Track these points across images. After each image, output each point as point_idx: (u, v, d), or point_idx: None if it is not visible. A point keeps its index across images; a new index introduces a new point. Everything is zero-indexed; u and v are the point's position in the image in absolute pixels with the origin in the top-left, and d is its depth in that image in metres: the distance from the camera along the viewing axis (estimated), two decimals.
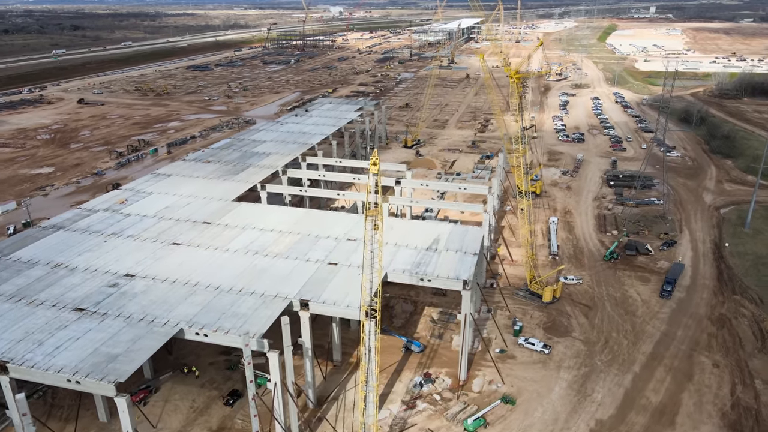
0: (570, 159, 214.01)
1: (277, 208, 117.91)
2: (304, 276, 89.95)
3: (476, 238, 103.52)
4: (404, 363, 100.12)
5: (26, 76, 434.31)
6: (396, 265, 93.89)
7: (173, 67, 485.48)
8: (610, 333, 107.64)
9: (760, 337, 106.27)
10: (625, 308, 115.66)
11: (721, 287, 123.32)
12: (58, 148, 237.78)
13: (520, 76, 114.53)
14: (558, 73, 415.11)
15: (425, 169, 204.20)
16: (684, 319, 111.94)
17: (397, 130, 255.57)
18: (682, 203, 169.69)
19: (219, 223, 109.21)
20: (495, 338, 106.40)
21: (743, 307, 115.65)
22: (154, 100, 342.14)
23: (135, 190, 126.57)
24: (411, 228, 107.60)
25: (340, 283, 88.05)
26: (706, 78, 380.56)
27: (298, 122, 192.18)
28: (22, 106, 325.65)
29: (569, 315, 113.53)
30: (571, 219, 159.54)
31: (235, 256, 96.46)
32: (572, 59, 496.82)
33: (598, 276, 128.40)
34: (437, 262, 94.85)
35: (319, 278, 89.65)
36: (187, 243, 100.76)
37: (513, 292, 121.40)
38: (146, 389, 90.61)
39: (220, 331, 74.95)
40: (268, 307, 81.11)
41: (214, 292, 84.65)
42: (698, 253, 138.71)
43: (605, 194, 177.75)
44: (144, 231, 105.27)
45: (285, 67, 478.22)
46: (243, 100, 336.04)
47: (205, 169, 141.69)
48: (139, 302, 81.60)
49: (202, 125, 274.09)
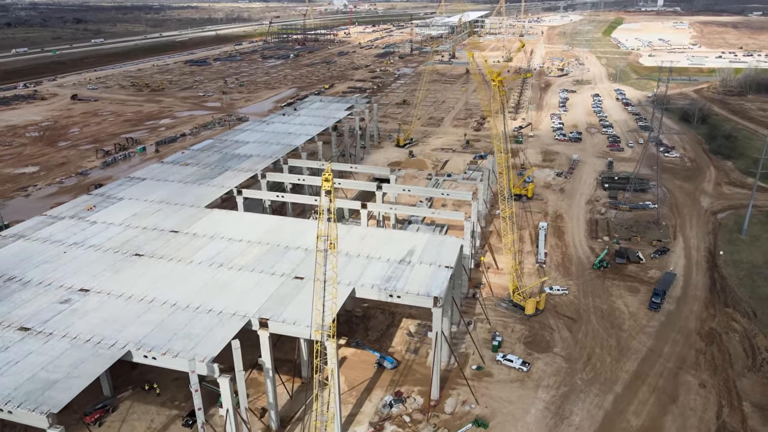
0: (565, 159, 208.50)
1: (250, 216, 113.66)
2: (267, 291, 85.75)
3: (453, 250, 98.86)
4: (376, 380, 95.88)
5: (23, 71, 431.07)
6: (365, 279, 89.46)
7: (171, 62, 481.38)
8: (593, 349, 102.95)
9: (751, 354, 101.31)
10: (611, 321, 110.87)
11: (713, 299, 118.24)
12: (45, 147, 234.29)
13: (503, 79, 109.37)
14: (560, 68, 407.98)
15: (416, 169, 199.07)
16: (672, 333, 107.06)
17: (391, 128, 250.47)
18: (677, 207, 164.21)
19: (187, 232, 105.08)
20: (473, 353, 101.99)
21: (735, 321, 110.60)
22: (148, 96, 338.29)
23: (105, 196, 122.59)
24: (385, 238, 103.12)
25: (304, 299, 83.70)
26: (711, 74, 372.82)
27: (284, 122, 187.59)
28: (15, 102, 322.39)
29: (552, 329, 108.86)
30: (562, 224, 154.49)
31: (198, 268, 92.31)
32: (575, 54, 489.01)
33: (586, 286, 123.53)
34: (409, 276, 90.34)
35: (282, 294, 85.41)
36: (150, 254, 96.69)
37: (495, 303, 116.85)
38: (102, 408, 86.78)
39: (168, 354, 70.90)
40: (224, 326, 76.97)
41: (169, 310, 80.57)
42: (691, 261, 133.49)
43: (599, 197, 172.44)
44: (107, 240, 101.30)
45: (284, 62, 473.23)
46: (238, 96, 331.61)
47: (182, 173, 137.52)
48: (89, 321, 77.64)
49: (193, 122, 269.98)
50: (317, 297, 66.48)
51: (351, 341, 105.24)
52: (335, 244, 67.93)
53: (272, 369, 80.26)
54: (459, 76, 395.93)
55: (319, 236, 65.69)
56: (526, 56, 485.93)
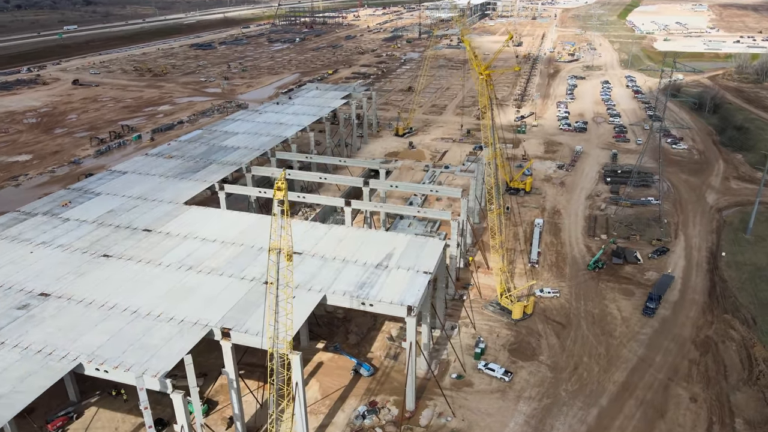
0: (568, 151, 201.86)
1: (228, 214, 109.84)
2: (234, 298, 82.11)
3: (434, 253, 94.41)
4: (351, 388, 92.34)
5: (28, 54, 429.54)
6: (338, 285, 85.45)
7: (177, 45, 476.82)
8: (581, 357, 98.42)
9: (748, 365, 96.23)
10: (602, 327, 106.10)
11: (712, 304, 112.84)
12: (41, 134, 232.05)
13: (490, 72, 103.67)
14: (570, 54, 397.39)
15: (413, 160, 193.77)
16: (665, 342, 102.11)
17: (392, 116, 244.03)
18: (681, 203, 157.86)
19: (160, 231, 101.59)
20: (455, 361, 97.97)
21: (733, 329, 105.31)
22: (150, 81, 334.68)
23: (83, 190, 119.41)
24: (365, 240, 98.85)
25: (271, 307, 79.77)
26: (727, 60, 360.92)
27: (277, 111, 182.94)
28: (17, 86, 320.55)
29: (540, 335, 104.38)
30: (560, 220, 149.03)
31: (166, 271, 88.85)
32: (588, 38, 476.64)
33: (579, 288, 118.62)
34: (384, 282, 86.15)
35: (250, 301, 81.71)
36: (118, 255, 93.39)
37: (483, 306, 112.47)
38: (66, 415, 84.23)
39: (121, 368, 67.68)
40: (183, 337, 73.55)
41: (129, 318, 77.26)
42: (691, 262, 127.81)
43: (600, 192, 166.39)
44: (77, 240, 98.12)
45: (290, 46, 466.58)
46: (240, 82, 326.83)
47: (165, 166, 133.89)
48: (44, 329, 74.61)
49: (192, 109, 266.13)
50: (270, 313, 62.39)
51: (329, 345, 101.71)
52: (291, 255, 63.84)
53: (236, 380, 76.87)
54: (466, 62, 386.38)
55: (271, 249, 61.53)
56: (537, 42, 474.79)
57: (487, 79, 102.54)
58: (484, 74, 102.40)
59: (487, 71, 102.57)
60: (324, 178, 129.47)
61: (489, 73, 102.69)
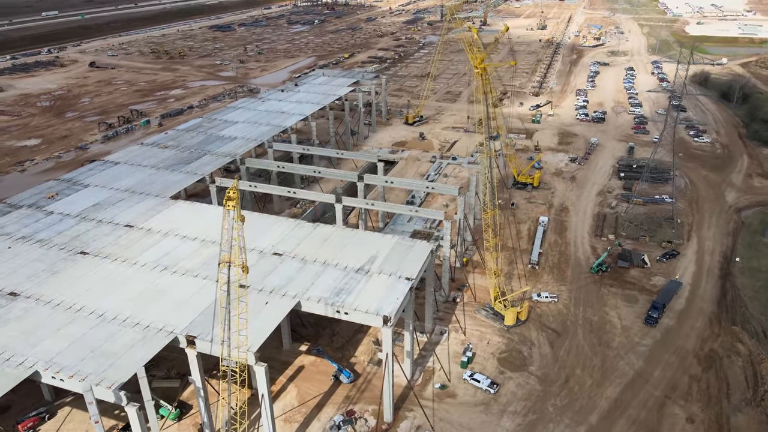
0: (583, 142, 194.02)
1: (213, 210, 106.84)
2: (205, 302, 79.23)
3: (419, 258, 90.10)
4: (330, 395, 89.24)
5: (50, 35, 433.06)
6: (315, 291, 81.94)
7: (196, 27, 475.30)
8: (573, 369, 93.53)
9: (752, 383, 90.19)
10: (599, 337, 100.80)
11: (720, 314, 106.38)
12: (52, 118, 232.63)
13: (486, 66, 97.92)
14: (596, 38, 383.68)
15: (421, 151, 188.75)
16: (666, 354, 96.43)
17: (405, 104, 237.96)
18: (698, 202, 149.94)
19: (142, 227, 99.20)
20: (441, 368, 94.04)
21: (740, 343, 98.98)
22: (165, 63, 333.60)
23: (72, 182, 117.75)
24: (349, 241, 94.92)
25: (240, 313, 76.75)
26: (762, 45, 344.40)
27: (281, 99, 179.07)
28: (35, 68, 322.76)
29: (532, 343, 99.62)
30: (566, 218, 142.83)
31: (140, 272, 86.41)
32: (616, 21, 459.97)
33: (579, 292, 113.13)
34: (362, 289, 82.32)
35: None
36: (96, 252, 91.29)
37: (475, 310, 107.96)
38: (38, 416, 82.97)
39: (77, 377, 65.41)
40: (146, 344, 71.02)
41: (94, 322, 75.06)
42: (702, 267, 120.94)
43: (612, 188, 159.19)
44: (57, 235, 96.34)
45: (309, 28, 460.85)
46: (254, 66, 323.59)
47: (158, 157, 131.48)
48: (6, 333, 72.86)
49: (204, 94, 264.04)
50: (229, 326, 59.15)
51: (312, 348, 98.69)
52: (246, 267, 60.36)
53: (203, 388, 74.29)
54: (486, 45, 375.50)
55: (221, 263, 58.06)
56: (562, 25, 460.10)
57: (483, 72, 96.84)
58: (480, 67, 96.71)
59: (483, 64, 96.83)
60: (318, 172, 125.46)
61: (485, 66, 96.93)
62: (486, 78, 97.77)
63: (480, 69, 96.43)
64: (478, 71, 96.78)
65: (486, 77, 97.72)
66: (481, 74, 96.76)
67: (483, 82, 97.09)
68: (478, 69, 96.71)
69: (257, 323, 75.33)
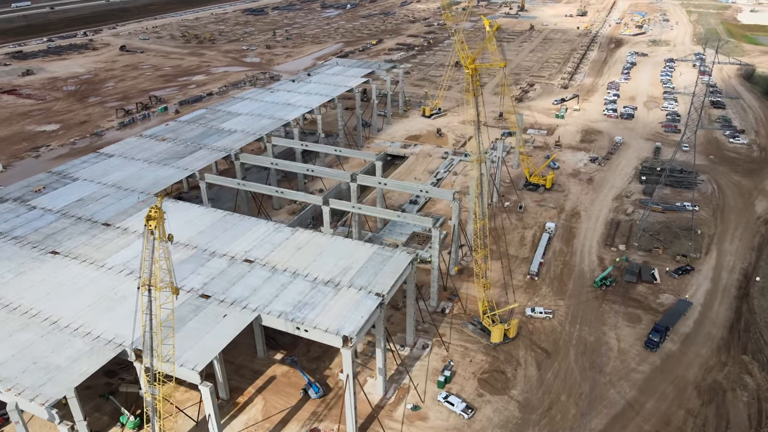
0: (607, 141, 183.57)
1: (194, 209, 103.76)
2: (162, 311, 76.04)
3: (396, 270, 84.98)
4: (296, 410, 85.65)
5: (88, 17, 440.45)
6: (277, 304, 77.99)
7: (230, 11, 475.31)
8: (558, 395, 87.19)
9: (756, 422, 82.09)
10: (592, 360, 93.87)
11: (731, 341, 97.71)
12: (75, 102, 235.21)
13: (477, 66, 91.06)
14: (638, 26, 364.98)
15: (434, 146, 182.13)
16: (663, 384, 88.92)
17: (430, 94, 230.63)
18: (723, 211, 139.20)
19: (119, 227, 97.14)
20: (417, 385, 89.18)
21: (749, 375, 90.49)
22: (193, 48, 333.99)
23: (62, 174, 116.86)
24: (325, 249, 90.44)
25: (194, 327, 73.75)
26: None
27: (290, 90, 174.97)
28: (68, 51, 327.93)
29: (518, 363, 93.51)
30: (577, 224, 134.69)
31: (105, 276, 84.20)
32: (662, 8, 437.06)
33: (577, 309, 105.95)
34: (327, 304, 77.92)
35: (177, 318, 75.45)
36: (66, 252, 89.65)
37: (462, 324, 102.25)
38: (2, 417, 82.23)
39: (14, 390, 63.39)
40: (91, 357, 68.67)
41: (47, 329, 73.21)
42: (718, 286, 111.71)
43: (631, 192, 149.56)
44: (34, 232, 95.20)
45: (341, 13, 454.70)
46: (281, 51, 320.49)
47: (154, 150, 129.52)
48: None
49: (225, 80, 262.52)
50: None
51: (286, 358, 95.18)
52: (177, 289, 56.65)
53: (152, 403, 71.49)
54: (521, 33, 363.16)
55: (142, 285, 54.40)
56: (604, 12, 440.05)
57: (473, 74, 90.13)
58: (470, 68, 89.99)
59: (473, 65, 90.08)
60: (311, 171, 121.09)
61: (476, 66, 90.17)
62: (476, 79, 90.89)
63: (470, 69, 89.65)
64: (469, 72, 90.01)
65: (476, 78, 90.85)
66: (471, 75, 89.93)
67: (473, 83, 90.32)
68: (468, 70, 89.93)
69: (209, 339, 72.13)
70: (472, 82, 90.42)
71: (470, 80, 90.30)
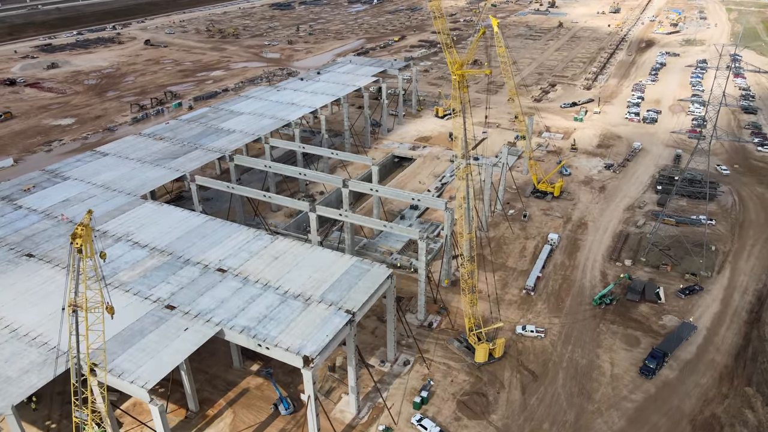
0: (625, 147, 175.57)
1: (177, 213, 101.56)
2: (125, 322, 74.28)
3: (370, 286, 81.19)
4: (265, 426, 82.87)
5: (118, 11, 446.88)
6: (242, 318, 75.11)
7: (258, 5, 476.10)
8: (541, 423, 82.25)
9: None
10: (582, 385, 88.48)
11: (735, 370, 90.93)
12: (94, 96, 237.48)
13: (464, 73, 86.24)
14: (673, 24, 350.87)
15: (443, 148, 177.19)
16: (656, 416, 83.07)
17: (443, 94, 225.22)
18: (742, 226, 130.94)
19: (99, 229, 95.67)
20: (392, 406, 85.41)
21: (751, 409, 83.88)
22: (215, 43, 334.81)
23: (54, 173, 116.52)
24: (302, 260, 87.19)
25: (153, 341, 71.42)
26: None
27: (297, 88, 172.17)
28: (95, 45, 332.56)
29: (502, 385, 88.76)
30: (582, 236, 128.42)
31: None
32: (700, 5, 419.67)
33: (573, 328, 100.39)
34: (293, 320, 74.71)
35: (137, 329, 73.58)
36: (41, 255, 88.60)
37: (447, 341, 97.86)
38: None
39: None
40: (44, 369, 66.91)
41: (6, 337, 71.81)
42: (728, 309, 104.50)
43: (645, 202, 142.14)
44: (14, 233, 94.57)
45: (368, 7, 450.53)
46: (302, 47, 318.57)
47: (149, 149, 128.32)
48: None
49: (243, 76, 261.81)
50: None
51: (262, 369, 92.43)
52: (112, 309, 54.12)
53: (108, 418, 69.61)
54: (548, 30, 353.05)
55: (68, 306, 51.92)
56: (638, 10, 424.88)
57: (460, 80, 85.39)
58: (458, 74, 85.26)
59: (460, 71, 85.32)
60: (303, 174, 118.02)
61: (463, 72, 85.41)
62: (464, 86, 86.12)
63: (457, 76, 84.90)
64: (456, 78, 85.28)
65: (464, 85, 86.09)
66: (459, 81, 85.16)
67: (461, 90, 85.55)
68: (455, 76, 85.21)
69: (166, 354, 69.71)
70: (459, 89, 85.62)
71: (457, 87, 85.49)
